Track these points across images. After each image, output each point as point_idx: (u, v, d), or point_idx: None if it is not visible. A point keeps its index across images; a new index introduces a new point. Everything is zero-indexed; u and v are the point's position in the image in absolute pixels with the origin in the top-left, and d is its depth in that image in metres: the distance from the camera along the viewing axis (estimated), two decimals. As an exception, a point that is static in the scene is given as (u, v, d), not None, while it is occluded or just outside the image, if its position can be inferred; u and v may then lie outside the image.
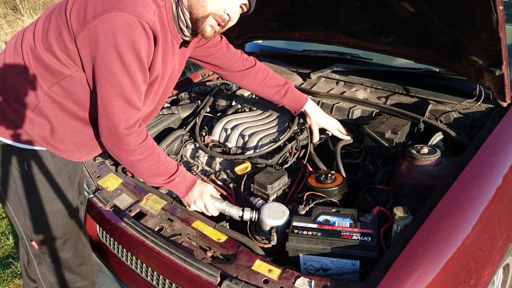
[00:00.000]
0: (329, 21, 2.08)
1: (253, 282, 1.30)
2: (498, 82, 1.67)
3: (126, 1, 1.31)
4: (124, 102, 1.38)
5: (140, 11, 1.32)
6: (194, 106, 2.32)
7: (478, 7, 1.41)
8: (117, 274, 1.74)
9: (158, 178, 1.53)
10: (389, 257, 1.23)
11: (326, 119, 1.96)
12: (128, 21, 1.30)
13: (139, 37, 1.33)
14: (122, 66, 1.33)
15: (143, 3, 1.35)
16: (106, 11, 1.29)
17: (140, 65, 1.37)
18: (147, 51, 1.38)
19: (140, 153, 1.45)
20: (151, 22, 1.35)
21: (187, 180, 1.59)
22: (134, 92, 1.39)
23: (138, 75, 1.38)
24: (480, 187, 1.44)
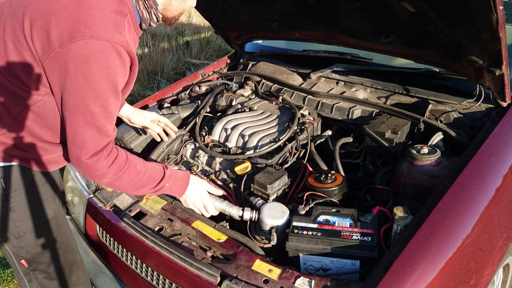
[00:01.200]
0: (329, 21, 2.08)
1: (253, 282, 1.30)
2: (498, 82, 1.67)
3: (95, 25, 1.24)
4: (95, 130, 1.31)
5: (112, 36, 1.25)
6: (194, 106, 2.32)
7: (478, 7, 1.41)
8: (117, 274, 1.74)
9: (144, 188, 1.48)
10: (389, 257, 1.23)
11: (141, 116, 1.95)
12: (101, 48, 1.24)
13: (113, 63, 1.27)
14: (94, 94, 1.26)
15: (112, 24, 1.28)
16: (75, 39, 1.22)
17: (114, 92, 1.31)
18: (122, 76, 1.33)
19: (114, 173, 1.38)
20: (125, 44, 1.30)
21: (179, 180, 1.55)
22: (107, 120, 1.32)
23: (111, 102, 1.32)
24: (480, 187, 1.44)
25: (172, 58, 6.05)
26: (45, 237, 1.58)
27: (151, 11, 1.44)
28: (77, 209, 1.92)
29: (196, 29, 7.44)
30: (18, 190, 1.49)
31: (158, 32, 6.96)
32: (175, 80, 5.21)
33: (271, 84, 2.40)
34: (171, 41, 6.70)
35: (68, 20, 1.24)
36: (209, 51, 6.60)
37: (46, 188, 1.56)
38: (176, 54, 6.23)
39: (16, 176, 1.48)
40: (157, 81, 5.56)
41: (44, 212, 1.56)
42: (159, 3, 1.45)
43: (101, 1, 1.29)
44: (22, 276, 1.64)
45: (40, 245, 1.57)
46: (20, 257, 1.58)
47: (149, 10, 1.44)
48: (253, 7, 2.24)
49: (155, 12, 1.45)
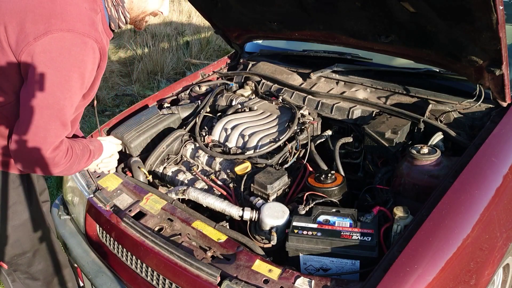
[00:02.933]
0: (329, 21, 2.07)
1: (253, 282, 1.30)
2: (498, 82, 1.67)
3: (71, 20, 1.26)
4: (59, 124, 1.31)
5: (88, 30, 1.28)
6: (194, 106, 2.32)
7: (478, 7, 1.41)
8: (117, 274, 1.73)
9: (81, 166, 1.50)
10: (389, 257, 1.23)
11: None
12: (76, 41, 1.25)
13: (87, 57, 1.29)
14: (64, 86, 1.27)
15: (88, 20, 1.30)
16: (51, 31, 1.23)
17: (81, 86, 1.32)
18: (90, 71, 1.34)
19: (66, 162, 1.39)
20: (99, 40, 1.31)
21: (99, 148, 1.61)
22: (70, 114, 1.34)
23: (77, 95, 1.33)
24: (480, 187, 1.44)
25: (172, 58, 6.05)
26: (21, 239, 1.57)
27: (119, 9, 1.45)
28: (77, 209, 1.92)
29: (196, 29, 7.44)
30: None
31: (158, 32, 6.97)
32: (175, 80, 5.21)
33: (271, 84, 2.40)
34: (171, 41, 6.70)
35: (44, 15, 1.25)
36: (209, 51, 6.60)
37: (20, 190, 1.55)
38: (176, 54, 6.23)
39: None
40: (157, 81, 5.56)
41: (19, 214, 1.55)
42: (125, 1, 1.47)
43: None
44: (5, 276, 1.64)
45: (17, 247, 1.56)
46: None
47: (117, 8, 1.45)
48: (253, 7, 2.24)
49: (122, 11, 1.46)
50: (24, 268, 1.60)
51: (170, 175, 1.96)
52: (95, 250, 1.83)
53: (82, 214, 1.87)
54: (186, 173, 1.95)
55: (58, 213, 2.02)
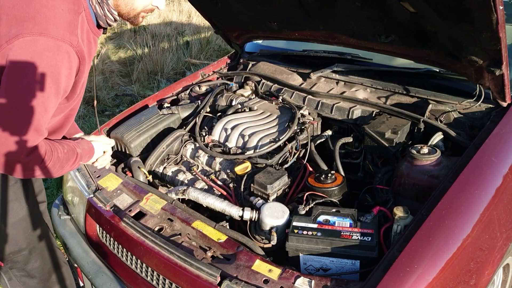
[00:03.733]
0: (329, 21, 2.07)
1: (253, 282, 1.30)
2: (498, 82, 1.67)
3: (44, 23, 1.21)
4: (32, 131, 1.27)
5: (62, 34, 1.23)
6: (194, 106, 2.32)
7: (478, 7, 1.41)
8: (117, 274, 1.73)
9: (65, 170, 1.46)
10: (389, 257, 1.23)
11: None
12: (49, 45, 1.21)
13: (61, 62, 1.25)
14: (37, 92, 1.23)
15: (64, 23, 1.25)
16: (22, 35, 1.19)
17: (56, 91, 1.28)
18: (67, 76, 1.30)
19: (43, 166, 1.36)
20: (75, 43, 1.27)
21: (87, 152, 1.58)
22: (44, 119, 1.29)
23: (52, 100, 1.29)
24: (480, 187, 1.44)
25: (172, 58, 6.05)
26: (17, 237, 1.56)
27: (104, 6, 1.42)
28: (77, 209, 1.92)
29: (196, 29, 7.44)
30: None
31: (158, 32, 6.97)
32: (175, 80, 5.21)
33: (271, 84, 2.40)
34: (171, 41, 6.71)
35: (18, 18, 1.22)
36: (209, 51, 6.60)
37: (16, 187, 1.54)
38: (176, 54, 6.23)
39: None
40: (157, 81, 5.57)
41: (13, 211, 1.54)
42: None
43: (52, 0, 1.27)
44: (2, 274, 1.64)
45: (13, 245, 1.56)
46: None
47: (102, 5, 1.41)
48: (253, 7, 2.24)
49: (107, 8, 1.43)
50: (20, 265, 1.60)
51: (170, 175, 1.96)
52: (95, 250, 1.83)
53: (82, 214, 1.87)
54: (186, 173, 1.95)
55: (58, 213, 2.02)
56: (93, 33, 1.44)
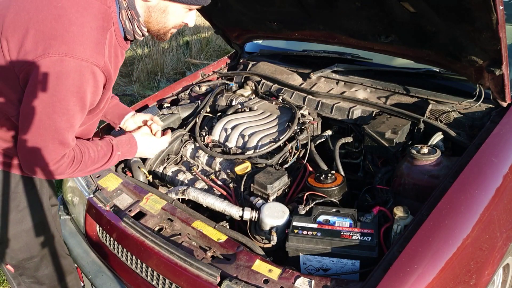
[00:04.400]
0: (329, 21, 2.07)
1: (253, 282, 1.30)
2: (498, 82, 1.67)
3: (72, 43, 1.21)
4: (58, 143, 1.31)
5: (89, 55, 1.23)
6: (194, 106, 2.32)
7: (478, 7, 1.41)
8: (117, 274, 1.73)
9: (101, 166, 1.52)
10: (389, 257, 1.23)
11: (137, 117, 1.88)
12: (75, 67, 1.21)
13: (86, 82, 1.26)
14: (61, 111, 1.26)
15: (91, 42, 1.25)
16: (49, 54, 1.19)
17: (81, 108, 1.30)
18: (92, 93, 1.31)
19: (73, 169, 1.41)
20: (101, 63, 1.27)
21: (125, 144, 1.60)
22: (69, 133, 1.33)
23: (77, 117, 1.32)
24: (480, 187, 1.44)
25: (172, 58, 6.05)
26: (30, 243, 1.56)
27: (134, 22, 1.42)
28: (77, 209, 1.92)
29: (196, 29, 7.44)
30: (2, 195, 1.47)
31: (158, 32, 6.95)
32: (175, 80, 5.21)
33: (271, 84, 2.40)
34: (171, 41, 6.70)
35: (46, 35, 1.21)
36: (209, 51, 6.60)
37: (32, 193, 1.55)
38: (176, 54, 6.23)
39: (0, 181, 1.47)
40: (157, 81, 5.56)
41: (29, 217, 1.55)
42: (141, 15, 1.42)
43: (82, 16, 1.26)
44: (11, 279, 1.63)
45: (26, 251, 1.55)
46: (6, 262, 1.57)
47: (132, 21, 1.41)
48: (253, 7, 2.24)
49: (137, 24, 1.43)
50: (30, 272, 1.59)
51: (170, 175, 1.96)
52: (95, 250, 1.83)
53: (82, 214, 1.87)
54: (186, 173, 1.95)
55: (58, 213, 2.02)
56: (121, 46, 1.45)
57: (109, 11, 1.33)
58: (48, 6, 1.25)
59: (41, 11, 1.25)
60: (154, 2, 1.39)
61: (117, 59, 1.45)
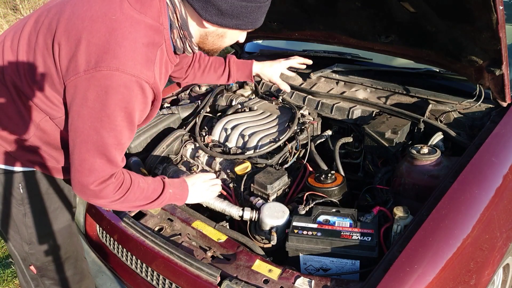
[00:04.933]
0: (329, 21, 2.07)
1: (253, 282, 1.30)
2: (498, 82, 1.67)
3: (123, 57, 1.20)
4: (105, 160, 1.28)
5: (139, 70, 1.22)
6: (194, 106, 2.32)
7: (478, 7, 1.41)
8: (117, 274, 1.74)
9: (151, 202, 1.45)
10: (389, 257, 1.23)
11: (276, 64, 1.99)
12: (125, 82, 1.20)
13: (135, 98, 1.24)
14: (109, 126, 1.24)
15: (142, 58, 1.24)
16: (100, 68, 1.19)
17: (129, 124, 1.28)
18: (141, 110, 1.30)
19: (119, 195, 1.35)
20: (151, 80, 1.27)
21: (178, 185, 1.53)
22: (118, 151, 1.30)
23: (125, 134, 1.29)
24: (480, 187, 1.44)
25: (172, 58, 6.04)
26: (56, 246, 1.56)
27: (185, 41, 1.40)
28: (77, 209, 1.92)
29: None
30: (35, 196, 1.47)
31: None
32: (175, 80, 5.19)
33: (271, 84, 2.40)
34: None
35: (98, 47, 1.21)
36: (209, 51, 6.58)
37: (62, 195, 1.55)
38: (176, 54, 6.21)
39: (34, 182, 1.47)
40: (157, 81, 5.55)
41: (58, 220, 1.55)
42: (194, 36, 1.40)
43: (135, 31, 1.25)
44: (29, 279, 1.62)
45: (51, 253, 1.56)
46: (30, 263, 1.57)
47: (183, 40, 1.39)
48: (253, 7, 2.23)
49: (189, 44, 1.41)
50: (52, 274, 1.59)
51: (170, 175, 1.96)
52: (95, 250, 1.83)
53: (82, 214, 1.87)
54: (186, 173, 1.95)
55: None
56: (171, 61, 1.44)
57: (161, 28, 1.32)
58: (103, 18, 1.24)
59: (95, 22, 1.24)
60: (212, 29, 1.36)
61: (166, 74, 1.45)
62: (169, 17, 1.33)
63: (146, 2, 1.29)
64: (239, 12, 1.29)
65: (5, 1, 8.23)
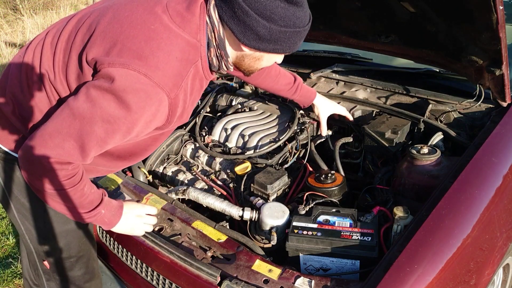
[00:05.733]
0: (329, 21, 2.08)
1: (253, 282, 1.30)
2: (498, 82, 1.67)
3: (154, 67, 1.19)
4: (78, 146, 1.20)
5: (165, 82, 1.21)
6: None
7: (478, 7, 1.41)
8: (117, 274, 1.74)
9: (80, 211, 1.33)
10: (389, 257, 1.23)
11: (333, 106, 1.99)
12: (147, 87, 1.19)
13: (148, 106, 1.21)
14: (108, 118, 1.19)
15: (172, 72, 1.23)
16: (128, 66, 1.18)
17: (126, 130, 1.24)
18: (147, 122, 1.25)
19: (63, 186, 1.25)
20: (173, 94, 1.24)
21: (112, 209, 1.42)
22: (96, 146, 1.23)
23: (115, 138, 1.24)
24: (480, 187, 1.44)
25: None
26: (72, 243, 1.56)
27: (222, 61, 1.38)
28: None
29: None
30: None
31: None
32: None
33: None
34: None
35: (132, 52, 1.21)
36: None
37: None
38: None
39: None
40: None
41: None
42: (230, 56, 1.39)
43: (171, 44, 1.24)
44: (41, 273, 1.64)
45: (66, 250, 1.56)
46: (44, 258, 1.58)
47: (220, 59, 1.38)
48: (253, 7, 2.23)
49: (225, 64, 1.40)
50: (64, 271, 1.60)
51: (170, 175, 1.96)
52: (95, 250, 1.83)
53: (82, 214, 1.87)
54: (186, 173, 1.95)
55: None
56: (206, 78, 1.43)
57: (198, 45, 1.31)
58: (142, 25, 1.24)
59: (134, 28, 1.24)
60: (249, 52, 1.35)
61: (201, 90, 1.44)
62: (207, 35, 1.32)
63: (186, 17, 1.28)
64: (278, 37, 1.27)
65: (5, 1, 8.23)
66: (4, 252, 2.82)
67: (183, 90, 1.29)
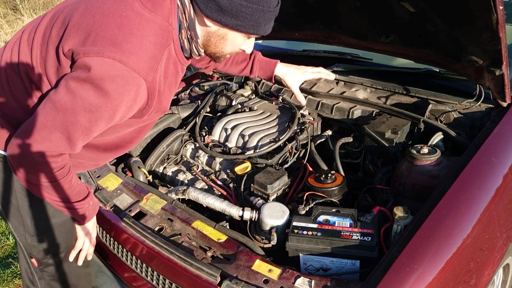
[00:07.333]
0: (329, 21, 2.08)
1: (253, 282, 1.30)
2: (498, 82, 1.67)
3: (128, 52, 1.22)
4: (65, 138, 1.25)
5: (140, 68, 1.23)
6: (194, 106, 2.32)
7: (478, 7, 1.41)
8: (117, 274, 1.74)
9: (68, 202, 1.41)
10: (389, 257, 1.23)
11: (301, 73, 1.96)
12: (124, 74, 1.21)
13: (127, 92, 1.24)
14: (90, 107, 1.22)
15: (147, 56, 1.25)
16: (103, 54, 1.20)
17: (109, 117, 1.27)
18: (128, 107, 1.29)
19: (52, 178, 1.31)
20: (150, 78, 1.27)
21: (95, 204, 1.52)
22: (83, 136, 1.28)
23: (100, 125, 1.28)
24: (480, 187, 1.44)
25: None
26: (58, 239, 1.57)
27: (192, 42, 1.41)
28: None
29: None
30: None
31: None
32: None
33: (271, 84, 2.40)
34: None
35: (105, 40, 1.23)
36: (209, 51, 6.58)
37: None
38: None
39: None
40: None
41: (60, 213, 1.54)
42: (199, 37, 1.41)
43: (143, 29, 1.26)
44: (33, 271, 1.65)
45: (52, 247, 1.57)
46: (31, 255, 1.59)
47: (190, 41, 1.40)
48: (253, 7, 2.23)
49: (195, 45, 1.42)
50: (52, 269, 1.61)
51: (170, 175, 1.96)
52: (95, 250, 1.83)
53: (82, 214, 1.87)
54: (186, 173, 1.95)
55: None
56: (181, 63, 1.45)
57: (170, 28, 1.33)
58: (114, 13, 1.27)
59: (106, 17, 1.27)
60: (213, 28, 1.38)
61: (177, 75, 1.46)
62: (179, 18, 1.35)
63: (157, 1, 1.31)
64: (238, 11, 1.30)
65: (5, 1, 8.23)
66: (4, 252, 2.82)
67: (159, 74, 1.31)
